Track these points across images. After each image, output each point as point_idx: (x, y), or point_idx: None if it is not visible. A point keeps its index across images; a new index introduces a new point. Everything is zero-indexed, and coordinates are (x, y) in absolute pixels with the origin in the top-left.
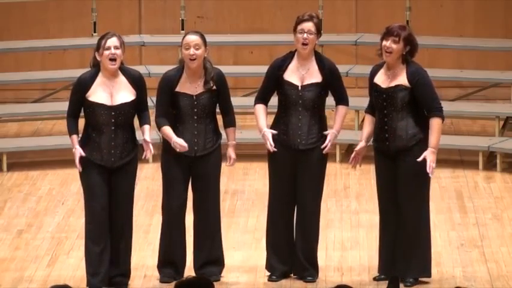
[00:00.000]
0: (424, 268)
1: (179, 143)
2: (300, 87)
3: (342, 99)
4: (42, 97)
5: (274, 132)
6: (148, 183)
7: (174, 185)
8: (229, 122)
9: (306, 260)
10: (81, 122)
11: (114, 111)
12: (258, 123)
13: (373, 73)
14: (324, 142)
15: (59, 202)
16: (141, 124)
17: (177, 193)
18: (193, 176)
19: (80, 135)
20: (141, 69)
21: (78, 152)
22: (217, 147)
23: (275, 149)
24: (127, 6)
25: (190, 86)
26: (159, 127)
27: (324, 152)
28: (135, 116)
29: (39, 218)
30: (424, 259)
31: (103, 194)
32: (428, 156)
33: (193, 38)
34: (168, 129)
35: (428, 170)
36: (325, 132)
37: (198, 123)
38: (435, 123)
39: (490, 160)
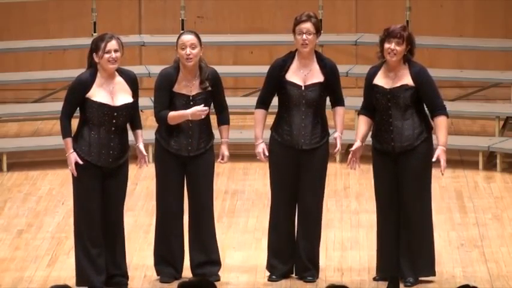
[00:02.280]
0: (429, 267)
1: (196, 110)
2: (303, 87)
3: (340, 100)
4: (42, 97)
5: (266, 154)
6: (148, 183)
7: (170, 186)
8: (223, 120)
9: (308, 260)
10: (74, 123)
11: (117, 112)
12: (255, 131)
13: (372, 75)
14: (325, 143)
15: (59, 202)
16: (134, 128)
17: (174, 194)
18: (187, 176)
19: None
20: (141, 69)
21: (74, 157)
22: (210, 148)
23: (266, 160)
24: (127, 6)
25: (186, 86)
26: (164, 118)
27: (336, 155)
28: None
29: (39, 218)
30: (429, 258)
31: (99, 196)
32: (441, 155)
33: (188, 38)
34: (174, 112)
35: (442, 170)
36: (334, 136)
37: (192, 123)
38: (442, 121)
39: (490, 160)
